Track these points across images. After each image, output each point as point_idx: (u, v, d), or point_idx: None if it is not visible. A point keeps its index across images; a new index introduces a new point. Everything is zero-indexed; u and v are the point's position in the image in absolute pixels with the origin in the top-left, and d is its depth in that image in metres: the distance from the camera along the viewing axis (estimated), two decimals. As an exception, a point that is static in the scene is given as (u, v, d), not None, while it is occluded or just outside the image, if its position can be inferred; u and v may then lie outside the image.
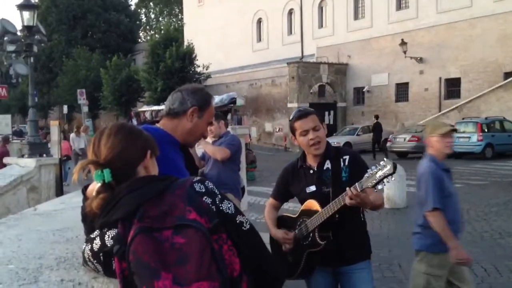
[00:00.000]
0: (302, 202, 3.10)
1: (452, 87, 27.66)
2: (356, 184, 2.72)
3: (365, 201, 2.75)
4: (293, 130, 3.07)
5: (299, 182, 3.11)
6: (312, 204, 2.96)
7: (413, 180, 14.27)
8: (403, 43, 27.95)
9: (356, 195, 2.68)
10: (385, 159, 2.75)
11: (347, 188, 2.73)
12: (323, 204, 2.90)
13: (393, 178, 2.69)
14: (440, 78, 27.78)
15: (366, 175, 2.71)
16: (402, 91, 29.98)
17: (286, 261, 3.05)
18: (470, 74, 26.53)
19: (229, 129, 6.38)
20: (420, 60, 28.46)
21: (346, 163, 2.99)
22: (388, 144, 24.41)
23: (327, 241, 2.89)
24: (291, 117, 3.12)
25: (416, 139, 22.95)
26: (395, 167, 2.64)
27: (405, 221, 9.39)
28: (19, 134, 28.85)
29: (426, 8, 28.23)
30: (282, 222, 3.22)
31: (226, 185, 5.42)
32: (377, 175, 2.66)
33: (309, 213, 2.98)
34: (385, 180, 2.66)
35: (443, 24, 27.35)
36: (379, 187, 2.70)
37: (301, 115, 3.04)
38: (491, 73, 25.58)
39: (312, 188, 3.02)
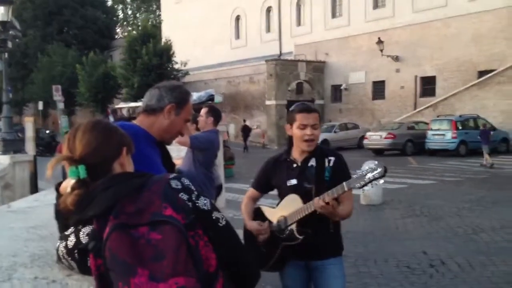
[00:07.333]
0: (281, 195, 3.11)
1: (428, 85, 28.06)
2: (344, 183, 2.75)
3: (334, 213, 2.83)
4: (292, 120, 3.08)
5: (280, 174, 3.13)
6: (294, 198, 2.97)
7: (389, 177, 14.45)
8: (379, 41, 28.24)
9: (324, 207, 2.76)
10: (376, 162, 2.78)
11: (316, 198, 2.79)
12: (304, 199, 2.92)
13: (381, 181, 2.74)
14: (415, 77, 28.13)
15: (355, 176, 2.74)
16: (378, 89, 30.29)
17: (259, 252, 3.07)
18: (445, 73, 26.91)
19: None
20: (396, 58, 28.77)
21: (331, 164, 3.02)
22: (365, 141, 24.61)
23: (305, 235, 2.91)
24: (293, 107, 3.14)
25: (392, 136, 23.18)
26: (385, 171, 2.69)
27: (381, 218, 9.51)
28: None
29: (402, 7, 28.56)
30: (259, 213, 3.23)
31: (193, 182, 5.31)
32: (366, 177, 2.70)
33: (289, 207, 2.99)
34: (373, 182, 2.71)
35: (418, 23, 27.71)
36: (366, 188, 2.75)
37: (306, 109, 3.08)
38: (466, 72, 25.99)
39: (293, 181, 3.03)
